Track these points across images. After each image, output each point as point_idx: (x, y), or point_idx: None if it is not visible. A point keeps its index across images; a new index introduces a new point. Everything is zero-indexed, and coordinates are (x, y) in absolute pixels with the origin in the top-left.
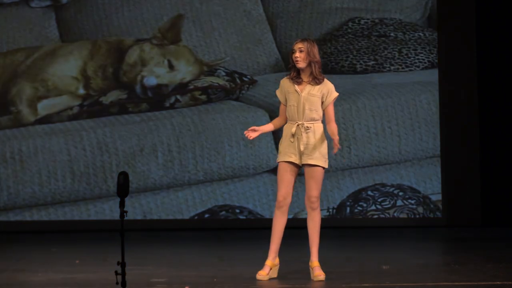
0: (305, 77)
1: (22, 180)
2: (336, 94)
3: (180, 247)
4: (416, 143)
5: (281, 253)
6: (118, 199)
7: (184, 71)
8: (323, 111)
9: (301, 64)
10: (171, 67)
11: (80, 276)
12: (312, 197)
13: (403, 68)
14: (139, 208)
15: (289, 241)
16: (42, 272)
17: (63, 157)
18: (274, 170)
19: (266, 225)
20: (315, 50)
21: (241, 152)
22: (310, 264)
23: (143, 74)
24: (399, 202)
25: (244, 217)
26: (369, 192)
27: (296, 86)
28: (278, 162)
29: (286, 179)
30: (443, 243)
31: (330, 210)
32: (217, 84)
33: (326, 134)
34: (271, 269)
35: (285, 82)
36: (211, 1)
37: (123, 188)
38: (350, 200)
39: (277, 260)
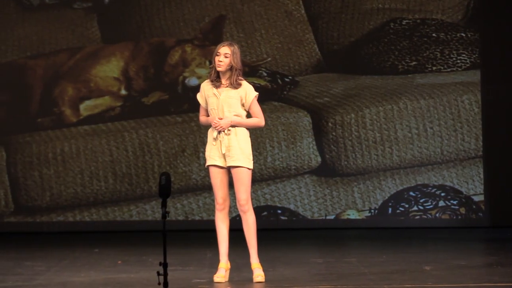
0: (224, 79)
1: (65, 180)
2: (254, 93)
3: None
4: (458, 143)
5: (320, 253)
6: (160, 200)
7: None
8: (248, 112)
9: (223, 69)
10: None
11: (122, 277)
12: (241, 200)
13: (445, 69)
14: (181, 208)
15: (333, 241)
16: (84, 272)
17: (105, 158)
18: (315, 171)
19: (308, 226)
20: (238, 56)
21: (282, 152)
22: (251, 266)
23: (185, 74)
24: (441, 203)
25: (286, 218)
26: (411, 193)
27: (214, 89)
28: (207, 167)
29: (218, 182)
30: (485, 243)
31: (372, 210)
32: (258, 85)
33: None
34: (226, 271)
35: (205, 86)
36: (252, 2)
37: (165, 188)
38: (392, 201)
39: (229, 264)
